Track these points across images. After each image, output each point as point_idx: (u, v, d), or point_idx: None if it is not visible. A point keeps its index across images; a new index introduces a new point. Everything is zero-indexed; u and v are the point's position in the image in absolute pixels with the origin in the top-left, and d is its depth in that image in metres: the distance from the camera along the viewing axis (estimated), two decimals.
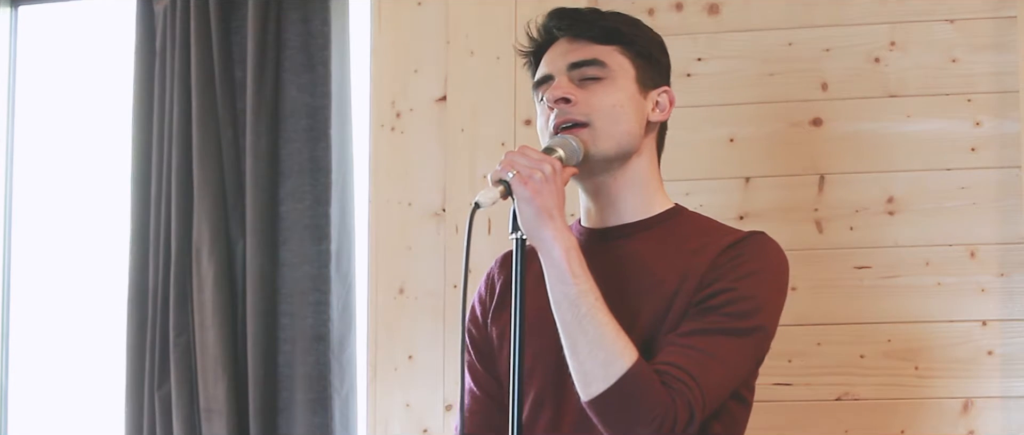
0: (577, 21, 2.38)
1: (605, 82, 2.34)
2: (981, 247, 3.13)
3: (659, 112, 2.39)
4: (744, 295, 2.25)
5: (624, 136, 2.33)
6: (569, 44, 2.37)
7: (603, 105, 2.32)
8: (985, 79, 3.16)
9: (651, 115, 2.37)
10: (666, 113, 2.40)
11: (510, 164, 2.20)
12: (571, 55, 2.36)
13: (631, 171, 2.36)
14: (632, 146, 2.34)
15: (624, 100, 2.33)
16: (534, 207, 2.18)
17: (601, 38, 2.36)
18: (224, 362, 3.46)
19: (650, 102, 2.38)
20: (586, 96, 2.32)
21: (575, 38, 2.37)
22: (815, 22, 3.25)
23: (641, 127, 2.36)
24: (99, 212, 3.85)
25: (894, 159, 3.19)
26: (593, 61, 2.34)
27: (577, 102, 2.31)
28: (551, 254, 2.20)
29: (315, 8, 3.53)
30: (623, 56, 2.36)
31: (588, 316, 2.17)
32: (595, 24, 2.37)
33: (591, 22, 2.37)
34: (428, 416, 3.33)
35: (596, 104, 2.31)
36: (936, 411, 3.12)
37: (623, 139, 2.33)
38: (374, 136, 3.45)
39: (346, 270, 3.53)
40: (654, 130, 2.40)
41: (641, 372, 2.16)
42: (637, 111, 2.35)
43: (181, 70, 3.56)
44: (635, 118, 2.34)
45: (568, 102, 2.31)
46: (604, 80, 2.34)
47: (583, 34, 2.36)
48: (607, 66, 2.34)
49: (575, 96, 2.32)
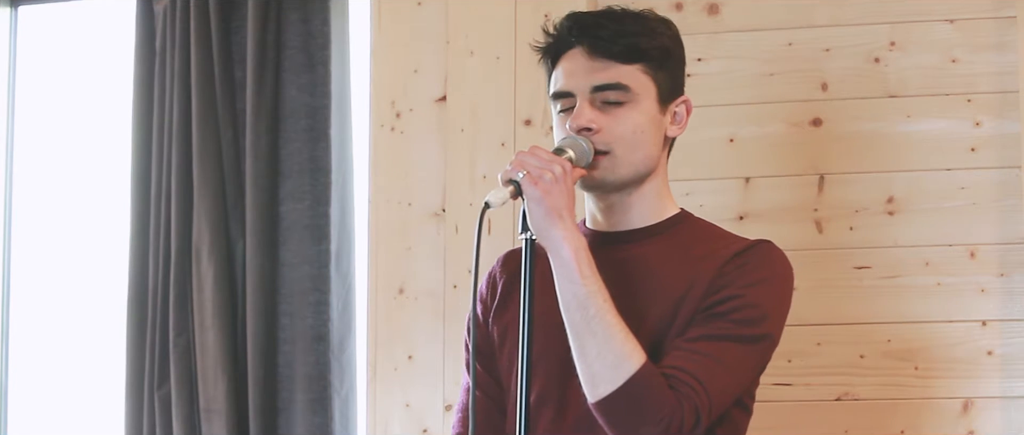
0: (598, 37, 2.32)
1: (627, 106, 2.31)
2: (981, 247, 3.13)
3: (677, 127, 2.38)
4: (751, 303, 2.25)
5: (643, 161, 2.33)
6: (590, 61, 2.32)
7: (625, 133, 2.30)
8: (985, 79, 3.16)
9: (669, 130, 2.37)
10: (683, 125, 2.39)
11: (520, 164, 2.20)
12: (594, 77, 2.31)
13: (646, 187, 2.36)
14: (650, 168, 2.35)
15: (645, 124, 2.32)
16: (544, 207, 2.19)
17: (623, 57, 2.31)
18: (224, 362, 3.46)
19: (669, 116, 2.36)
20: (609, 123, 2.30)
21: (595, 54, 2.32)
22: (815, 22, 3.24)
23: (659, 148, 2.36)
24: (99, 212, 3.85)
25: (894, 159, 3.19)
26: (616, 85, 2.31)
27: (599, 130, 2.29)
28: (560, 254, 2.20)
29: (315, 8, 3.53)
30: (645, 75, 2.32)
31: (597, 317, 2.18)
32: (617, 41, 2.31)
33: (613, 40, 2.32)
34: (428, 416, 3.33)
35: (619, 133, 2.30)
36: (936, 411, 3.12)
37: (641, 165, 2.33)
38: (374, 136, 3.45)
39: (346, 270, 3.53)
40: (669, 143, 2.40)
41: (649, 374, 2.17)
42: (657, 131, 2.34)
43: (181, 70, 3.56)
44: (654, 141, 2.34)
45: (590, 130, 2.29)
46: (627, 104, 2.31)
47: (604, 52, 2.32)
48: (630, 90, 2.31)
49: (598, 124, 2.29)
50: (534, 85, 3.28)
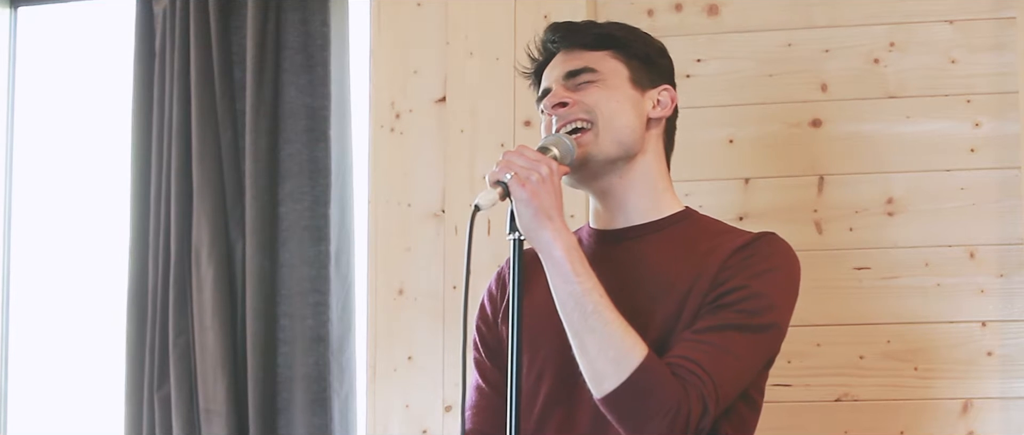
0: (570, 32, 2.42)
1: (598, 84, 2.37)
2: (980, 248, 3.13)
3: (660, 109, 2.40)
4: (757, 292, 2.26)
5: (625, 131, 2.34)
6: (564, 55, 2.41)
7: (598, 102, 2.35)
8: (984, 80, 3.16)
9: (651, 112, 2.39)
10: (668, 109, 2.41)
11: (507, 165, 2.21)
12: (565, 65, 2.40)
13: (637, 170, 2.37)
14: (635, 143, 2.36)
15: (620, 97, 2.36)
16: (532, 208, 2.19)
17: (593, 45, 2.40)
18: (224, 363, 3.46)
19: (649, 100, 2.40)
20: (581, 97, 2.35)
21: (570, 49, 2.41)
22: (815, 23, 3.25)
23: (642, 123, 2.37)
24: (99, 213, 3.85)
25: (893, 160, 3.19)
26: (585, 68, 2.38)
27: (574, 104, 2.34)
28: (552, 254, 2.20)
29: (315, 9, 3.53)
30: (615, 60, 2.39)
31: (594, 314, 2.18)
32: (588, 32, 2.42)
33: (584, 31, 2.42)
34: (427, 417, 3.33)
35: (591, 103, 2.34)
36: (936, 412, 3.12)
37: (624, 135, 2.34)
38: (373, 137, 3.45)
39: (345, 271, 3.53)
40: (658, 127, 2.41)
41: (653, 366, 2.16)
42: (635, 107, 2.37)
43: (180, 71, 3.56)
44: (634, 113, 2.36)
45: (565, 105, 2.34)
46: (597, 83, 2.37)
47: (576, 43, 2.41)
48: (598, 71, 2.38)
49: (571, 99, 2.35)
50: None
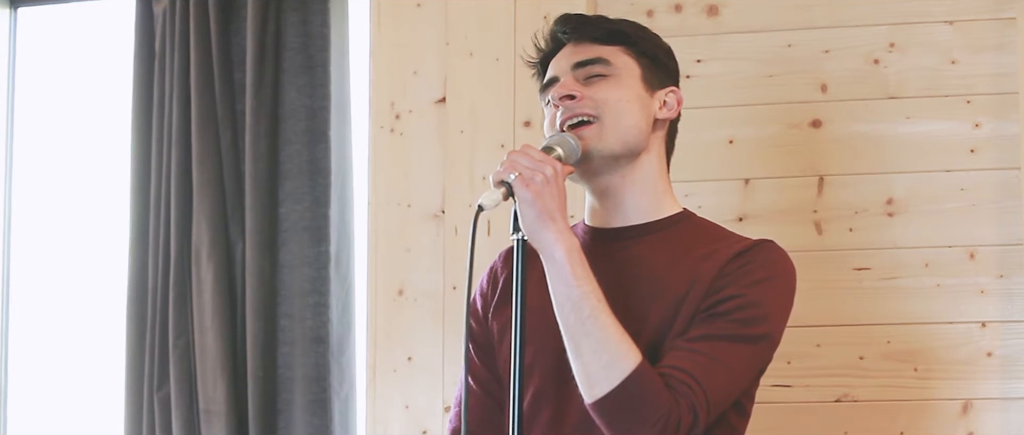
0: (582, 25, 2.40)
1: (610, 79, 2.35)
2: (980, 249, 3.13)
3: (667, 110, 2.40)
4: (752, 302, 2.25)
5: (631, 130, 2.33)
6: (574, 47, 2.39)
7: (609, 99, 2.33)
8: (984, 81, 3.16)
9: (658, 113, 2.39)
10: (674, 111, 2.41)
11: (512, 165, 2.20)
12: (576, 55, 2.38)
13: (639, 170, 2.36)
14: (639, 143, 2.35)
15: (630, 96, 2.35)
16: (536, 209, 2.19)
17: (606, 39, 2.38)
18: (223, 364, 3.46)
19: (657, 101, 2.39)
20: (591, 92, 2.34)
21: (580, 41, 2.39)
22: (814, 23, 3.25)
23: (648, 124, 2.37)
24: (99, 213, 3.85)
25: (893, 161, 3.19)
26: (597, 59, 2.36)
27: (582, 98, 2.33)
28: (553, 256, 2.20)
29: (314, 9, 3.53)
30: (628, 55, 2.38)
31: (591, 318, 2.17)
32: (600, 26, 2.40)
33: (596, 24, 2.40)
34: (427, 418, 3.33)
35: (601, 99, 2.33)
36: (935, 413, 3.12)
37: (630, 134, 2.33)
38: (373, 138, 3.45)
39: (345, 272, 3.53)
40: (662, 129, 2.40)
41: (645, 374, 2.16)
42: (644, 107, 2.36)
43: (180, 71, 3.56)
44: (641, 114, 2.35)
45: (573, 98, 2.33)
46: (609, 77, 2.35)
47: (588, 36, 2.39)
48: (612, 64, 2.36)
49: (580, 92, 2.33)
50: (533, 86, 3.24)
